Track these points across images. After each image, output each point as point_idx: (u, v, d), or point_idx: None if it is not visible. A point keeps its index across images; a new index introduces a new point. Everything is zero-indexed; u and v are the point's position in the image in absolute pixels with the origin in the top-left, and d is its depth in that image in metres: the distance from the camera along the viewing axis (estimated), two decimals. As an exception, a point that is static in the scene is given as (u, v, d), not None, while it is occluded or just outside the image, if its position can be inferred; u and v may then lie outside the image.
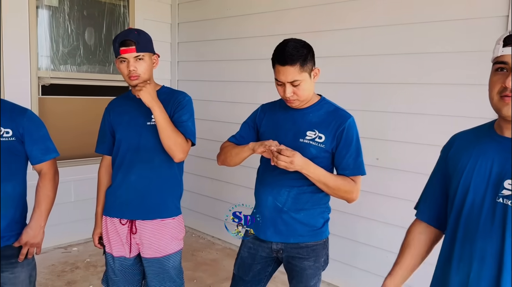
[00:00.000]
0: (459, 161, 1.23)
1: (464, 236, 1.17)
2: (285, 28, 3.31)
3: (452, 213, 1.22)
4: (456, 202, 1.20)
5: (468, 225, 1.16)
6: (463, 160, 1.21)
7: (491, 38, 1.29)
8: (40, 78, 3.52)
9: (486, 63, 1.20)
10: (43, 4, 3.54)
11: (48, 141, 1.93)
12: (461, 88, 2.50)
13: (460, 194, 1.19)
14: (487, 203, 1.13)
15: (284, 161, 1.62)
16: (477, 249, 1.13)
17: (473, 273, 1.13)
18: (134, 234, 2.03)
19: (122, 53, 1.89)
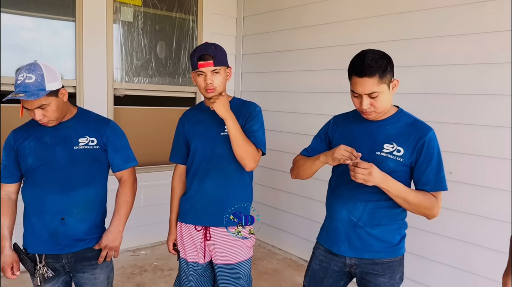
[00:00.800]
0: None
1: None
2: (354, 38, 3.29)
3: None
4: None
5: None
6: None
7: None
8: (115, 90, 3.74)
9: None
10: (120, 20, 3.77)
11: (129, 150, 2.04)
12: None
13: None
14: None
15: (362, 174, 1.58)
16: None
17: None
18: (208, 240, 2.09)
19: (200, 67, 1.96)
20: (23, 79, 1.72)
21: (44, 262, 1.90)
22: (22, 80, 1.72)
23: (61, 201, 1.85)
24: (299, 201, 3.81)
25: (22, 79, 1.72)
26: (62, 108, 1.85)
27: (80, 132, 1.91)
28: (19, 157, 1.90)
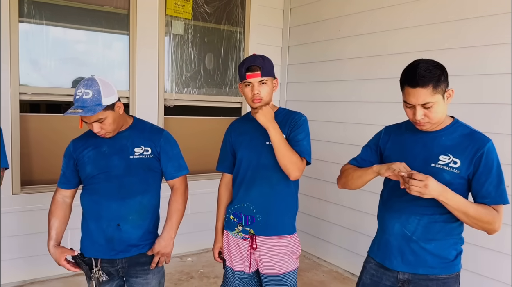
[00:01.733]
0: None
1: None
2: (406, 46, 3.23)
3: None
4: None
5: None
6: None
7: None
8: (165, 100, 3.87)
9: None
10: (170, 33, 3.91)
11: (181, 159, 2.11)
12: None
13: None
14: None
15: (417, 186, 1.53)
16: None
17: None
18: (255, 250, 2.10)
19: (248, 78, 2.01)
20: (81, 95, 1.81)
21: (99, 266, 1.98)
22: (80, 95, 1.81)
23: (117, 208, 1.94)
24: (346, 213, 3.75)
25: (80, 95, 1.81)
26: (118, 121, 1.94)
27: (135, 142, 1.99)
28: (78, 165, 2.01)
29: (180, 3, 3.88)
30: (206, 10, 4.04)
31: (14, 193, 3.27)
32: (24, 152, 3.32)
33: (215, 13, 4.10)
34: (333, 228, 3.94)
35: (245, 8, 4.24)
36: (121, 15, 3.64)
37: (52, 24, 3.36)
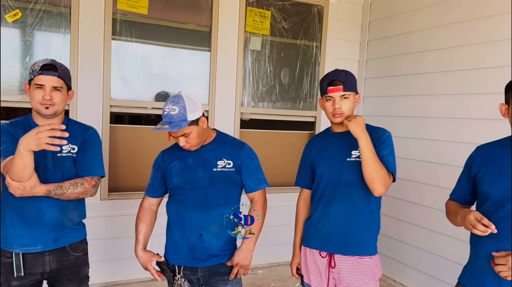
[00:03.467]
0: None
1: None
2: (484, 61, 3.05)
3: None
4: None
5: None
6: None
7: None
8: (242, 114, 3.96)
9: None
10: (249, 49, 4.01)
11: (261, 172, 2.14)
12: None
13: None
14: None
15: (504, 270, 1.52)
16: None
17: None
18: (333, 268, 2.07)
19: (330, 92, 2.01)
20: (168, 111, 1.91)
21: (182, 273, 2.06)
22: (167, 111, 1.91)
23: (200, 218, 2.01)
24: (425, 234, 3.57)
25: (168, 111, 1.91)
26: (202, 135, 2.01)
27: (218, 155, 2.06)
28: (166, 176, 2.11)
29: (259, 19, 3.97)
30: (283, 26, 4.09)
31: (102, 199, 3.50)
32: (111, 160, 3.55)
33: (292, 28, 4.15)
34: (411, 250, 3.76)
35: (322, 22, 4.25)
36: (203, 32, 3.80)
37: (140, 41, 3.59)
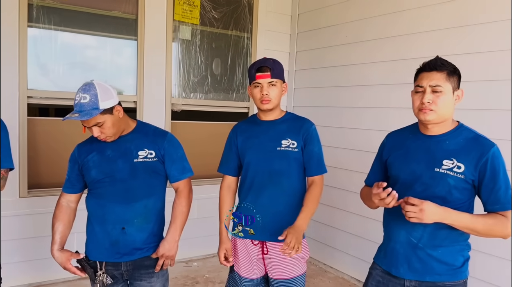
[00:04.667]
0: None
1: None
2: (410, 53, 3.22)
3: None
4: None
5: None
6: None
7: None
8: (173, 105, 3.89)
9: None
10: (178, 38, 3.93)
11: (185, 161, 2.10)
12: None
13: None
14: None
15: (412, 211, 1.55)
16: None
17: None
18: (265, 255, 2.10)
19: (258, 78, 2.04)
20: (79, 99, 1.83)
21: (104, 269, 1.98)
22: (78, 100, 1.83)
23: (122, 212, 1.94)
24: (354, 219, 3.72)
25: (78, 99, 1.83)
26: (119, 125, 1.93)
27: (139, 145, 1.99)
28: (83, 170, 2.01)
29: (188, 8, 3.90)
30: (213, 16, 4.06)
31: (21, 196, 3.29)
32: (31, 155, 3.34)
33: (222, 18, 4.12)
34: (341, 235, 3.91)
35: (252, 13, 4.26)
36: (129, 20, 3.67)
37: (60, 29, 3.39)
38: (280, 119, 2.16)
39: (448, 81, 1.62)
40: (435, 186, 1.63)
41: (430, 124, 1.68)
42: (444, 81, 1.62)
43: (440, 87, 1.61)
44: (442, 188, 1.61)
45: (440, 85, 1.61)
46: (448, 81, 1.62)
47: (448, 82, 1.62)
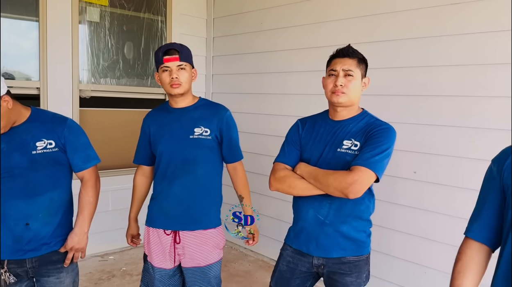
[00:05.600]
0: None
1: None
2: (318, 41, 3.33)
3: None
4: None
5: None
6: None
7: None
8: (81, 91, 3.65)
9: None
10: (85, 20, 3.69)
11: (89, 149, 1.96)
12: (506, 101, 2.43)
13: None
14: None
15: None
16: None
17: None
18: (178, 244, 2.07)
19: (166, 62, 1.98)
20: None
21: (6, 268, 1.83)
22: None
23: (25, 207, 1.79)
24: (271, 203, 3.81)
25: None
26: (8, 116, 1.76)
27: (36, 135, 1.83)
28: None
29: (95, -12, 3.67)
30: (124, -3, 3.86)
31: None
32: None
33: (134, 0, 3.93)
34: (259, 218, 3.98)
35: (166, -4, 4.13)
36: (29, -1, 3.37)
37: None
38: (192, 106, 2.12)
39: (358, 67, 1.77)
40: (336, 164, 1.74)
41: (340, 107, 1.79)
42: (355, 67, 1.76)
43: (352, 71, 1.74)
44: (343, 166, 1.71)
45: (352, 70, 1.74)
46: (358, 68, 1.76)
47: (358, 69, 1.76)
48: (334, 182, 1.65)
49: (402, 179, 2.86)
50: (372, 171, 1.65)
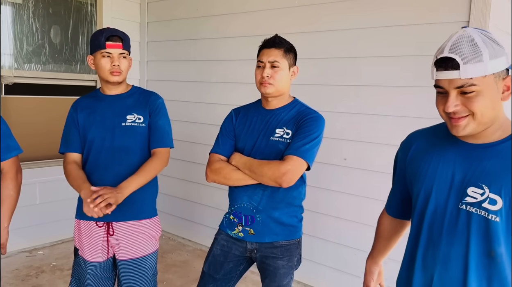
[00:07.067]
0: (420, 164, 1.23)
1: (428, 240, 1.19)
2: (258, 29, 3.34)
3: (415, 217, 1.24)
4: (419, 206, 1.22)
5: (431, 229, 1.18)
6: (423, 164, 1.22)
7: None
8: (3, 77, 3.40)
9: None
10: (6, 1, 3.43)
11: (9, 138, 1.83)
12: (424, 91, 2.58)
13: (422, 198, 1.21)
14: (450, 209, 1.14)
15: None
16: (440, 253, 1.15)
17: (436, 276, 1.16)
18: (111, 236, 2.01)
19: (109, 48, 1.92)
20: None
21: None
22: None
23: None
24: (208, 192, 3.80)
25: None
26: None
27: None
28: None
29: (16, -34, 3.41)
30: (49, -23, 3.62)
31: None
32: None
33: (60, -19, 3.71)
34: (197, 207, 3.97)
35: (95, -23, 3.93)
36: None
37: None
38: (126, 93, 2.07)
39: (285, 57, 1.79)
40: (269, 153, 1.79)
41: (269, 97, 1.84)
42: (281, 58, 1.78)
43: (277, 62, 1.77)
44: (276, 155, 1.76)
45: (278, 61, 1.77)
46: (284, 58, 1.79)
47: (285, 59, 1.79)
48: (268, 172, 1.71)
49: (333, 165, 2.97)
50: (304, 159, 1.72)
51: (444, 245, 1.15)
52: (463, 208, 1.12)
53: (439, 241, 1.16)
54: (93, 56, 1.98)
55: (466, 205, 1.11)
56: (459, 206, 1.13)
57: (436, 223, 1.17)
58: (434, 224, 1.18)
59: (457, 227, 1.13)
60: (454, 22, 2.45)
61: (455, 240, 1.13)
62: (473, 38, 1.06)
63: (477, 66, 1.04)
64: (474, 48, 1.04)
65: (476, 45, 1.05)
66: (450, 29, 2.43)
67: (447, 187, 1.15)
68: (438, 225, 1.17)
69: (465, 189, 1.11)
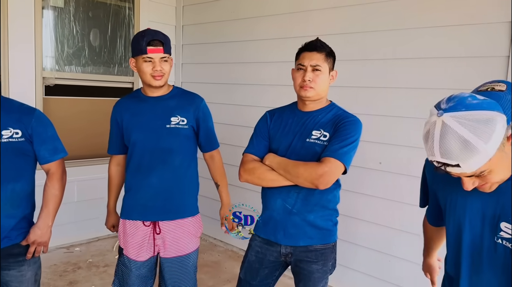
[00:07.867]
0: (445, 189, 1.29)
1: (471, 268, 1.22)
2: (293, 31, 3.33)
3: (450, 243, 1.29)
4: (452, 232, 1.27)
5: (472, 258, 1.22)
6: (449, 190, 1.26)
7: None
8: (44, 79, 3.54)
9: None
10: (49, 5, 3.56)
11: (56, 141, 1.92)
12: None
13: (454, 227, 1.25)
14: (487, 242, 1.17)
15: None
16: (484, 281, 1.20)
17: None
18: (158, 234, 2.06)
19: (150, 53, 1.93)
20: None
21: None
22: None
23: (-16, 198, 1.73)
24: (240, 193, 3.82)
25: None
26: None
27: (3, 124, 1.77)
28: None
29: (59, -28, 3.54)
30: (89, -18, 3.74)
31: None
32: None
33: (100, -15, 3.83)
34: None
35: (133, -18, 4.03)
36: (-13, -19, 3.21)
37: None
38: (167, 95, 2.09)
39: (326, 61, 1.78)
40: (305, 154, 1.77)
41: (308, 101, 1.82)
42: (323, 62, 1.77)
43: (319, 66, 1.76)
44: (312, 156, 1.74)
45: (320, 65, 1.76)
46: (325, 62, 1.78)
47: (326, 62, 1.78)
48: (304, 173, 1.68)
49: (368, 169, 2.92)
50: (341, 162, 1.70)
51: (487, 274, 1.19)
52: (499, 242, 1.15)
53: (480, 269, 1.20)
54: (135, 60, 2.01)
55: (502, 239, 1.14)
56: (495, 240, 1.16)
57: (476, 253, 1.21)
58: (474, 254, 1.21)
59: (497, 259, 1.16)
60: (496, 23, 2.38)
61: (498, 271, 1.16)
62: (457, 131, 0.98)
63: (478, 158, 1.00)
64: (465, 144, 0.98)
65: (465, 140, 0.98)
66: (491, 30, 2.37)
67: (480, 220, 1.19)
68: (477, 255, 1.20)
69: (497, 224, 1.14)
